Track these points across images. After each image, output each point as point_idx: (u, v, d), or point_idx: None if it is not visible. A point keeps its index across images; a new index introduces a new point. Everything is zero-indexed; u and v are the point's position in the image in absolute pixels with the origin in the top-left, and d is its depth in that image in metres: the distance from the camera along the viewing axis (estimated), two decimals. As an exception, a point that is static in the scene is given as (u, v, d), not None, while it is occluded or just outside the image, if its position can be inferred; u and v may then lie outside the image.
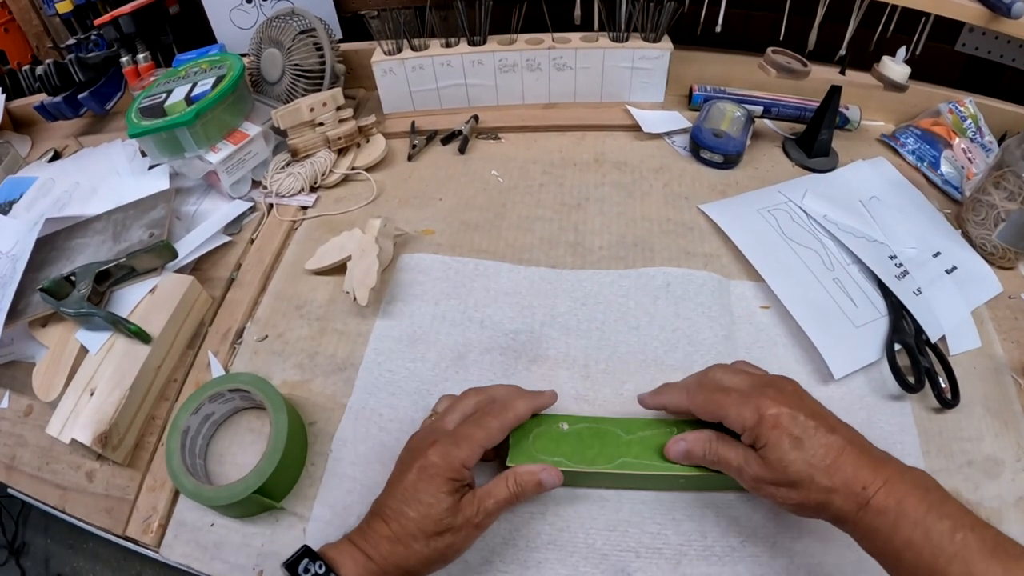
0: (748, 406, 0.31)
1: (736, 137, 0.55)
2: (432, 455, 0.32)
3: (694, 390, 0.35)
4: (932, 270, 0.49)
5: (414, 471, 0.32)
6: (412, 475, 0.31)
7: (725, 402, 0.32)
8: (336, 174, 0.58)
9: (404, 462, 0.33)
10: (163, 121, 0.56)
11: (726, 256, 0.49)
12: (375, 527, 0.31)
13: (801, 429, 0.30)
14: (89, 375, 0.47)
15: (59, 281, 0.50)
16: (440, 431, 0.34)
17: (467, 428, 0.33)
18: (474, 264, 0.49)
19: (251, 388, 0.41)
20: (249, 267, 0.54)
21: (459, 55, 0.58)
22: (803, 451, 0.29)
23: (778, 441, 0.30)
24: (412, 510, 0.31)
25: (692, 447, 0.34)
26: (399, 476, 0.33)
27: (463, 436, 0.33)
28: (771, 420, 0.30)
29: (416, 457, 0.32)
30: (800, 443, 0.29)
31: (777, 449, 0.30)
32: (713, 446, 0.33)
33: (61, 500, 0.43)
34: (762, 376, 0.35)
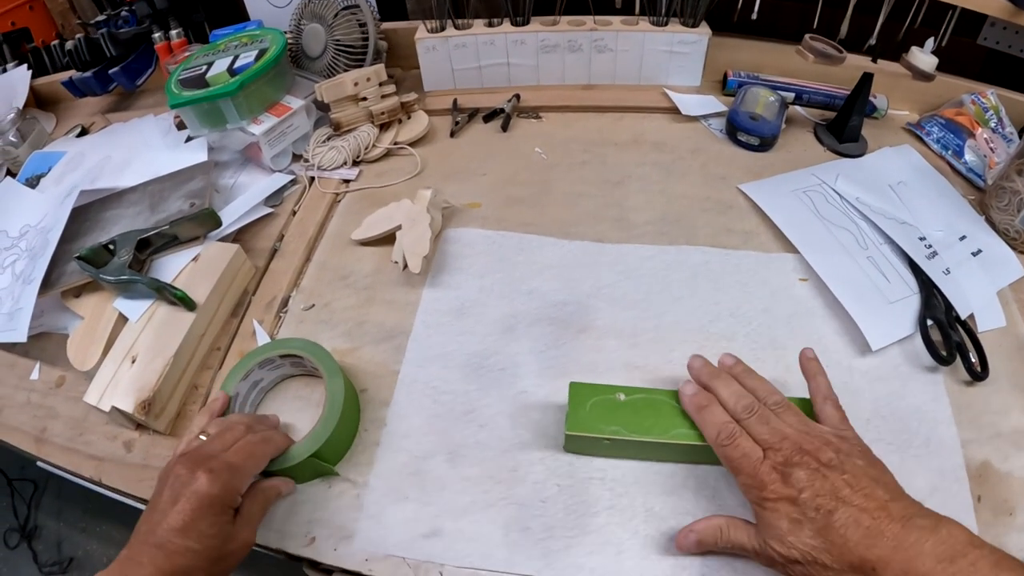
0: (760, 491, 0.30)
1: (772, 121, 0.57)
2: (212, 486, 0.31)
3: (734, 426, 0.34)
4: (959, 252, 0.51)
5: (191, 501, 0.31)
6: (188, 505, 0.31)
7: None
8: (379, 148, 0.59)
9: (175, 489, 0.32)
10: (206, 91, 0.56)
11: (764, 234, 0.51)
12: (155, 561, 0.29)
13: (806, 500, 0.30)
14: (130, 343, 0.47)
15: (97, 249, 0.50)
16: (214, 458, 0.33)
17: (240, 457, 0.34)
18: (518, 238, 0.50)
19: (304, 353, 0.41)
20: (292, 238, 0.55)
21: (502, 34, 0.59)
22: (800, 531, 0.29)
23: (774, 523, 0.30)
24: (196, 543, 0.30)
25: (703, 537, 0.33)
26: (171, 503, 0.31)
27: (237, 467, 0.33)
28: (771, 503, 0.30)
29: (190, 484, 0.31)
30: (799, 526, 0.29)
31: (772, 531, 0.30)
32: (726, 534, 0.32)
33: (97, 471, 0.43)
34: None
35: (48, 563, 0.89)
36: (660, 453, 0.37)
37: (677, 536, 0.34)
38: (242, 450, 0.35)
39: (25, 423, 0.47)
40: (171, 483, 0.32)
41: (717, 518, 0.33)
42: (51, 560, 0.90)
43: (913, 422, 0.41)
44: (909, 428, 0.41)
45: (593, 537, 0.36)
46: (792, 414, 0.34)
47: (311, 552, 0.37)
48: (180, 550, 0.30)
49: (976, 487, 0.38)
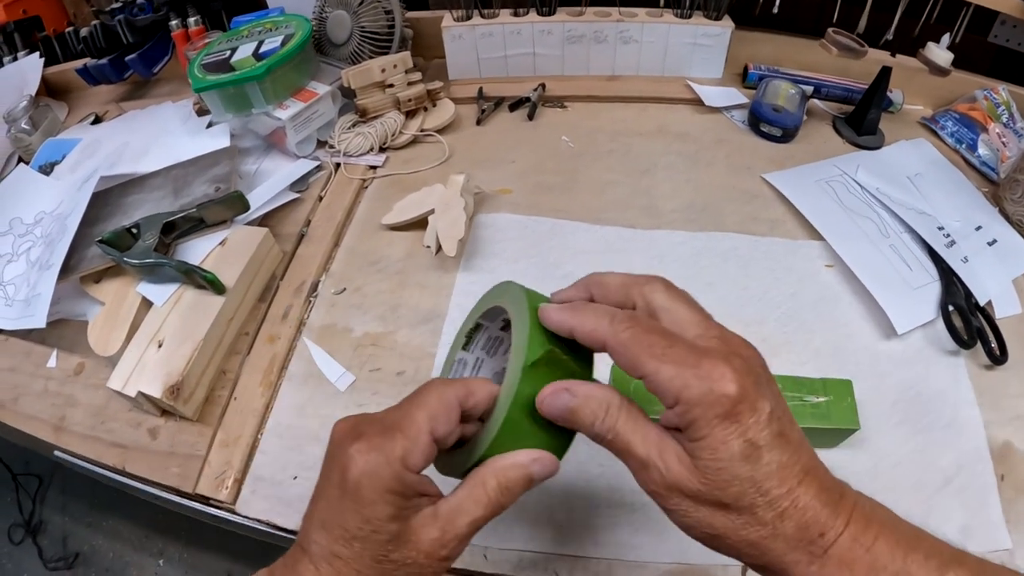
0: (696, 370, 0.20)
1: (793, 113, 0.58)
2: (357, 457, 0.22)
3: (620, 318, 0.22)
4: (975, 242, 0.53)
5: (335, 484, 0.22)
6: (334, 491, 0.22)
7: (662, 352, 0.20)
8: (405, 135, 0.59)
9: (326, 467, 0.23)
10: (233, 75, 0.56)
11: (790, 222, 0.52)
12: (301, 566, 0.22)
13: (763, 432, 0.20)
14: (155, 328, 0.46)
15: (120, 233, 0.50)
16: (366, 419, 0.24)
17: (398, 409, 0.23)
18: (551, 223, 0.51)
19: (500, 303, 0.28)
20: (320, 223, 0.55)
21: (529, 24, 0.59)
22: (756, 465, 0.19)
23: (726, 440, 0.19)
24: (344, 546, 0.21)
25: (580, 407, 0.22)
26: (322, 490, 0.23)
27: (394, 421, 0.22)
28: (726, 405, 0.19)
29: (336, 458, 0.22)
30: (757, 453, 0.19)
31: (721, 452, 0.19)
32: (613, 415, 0.22)
33: (120, 459, 0.42)
34: (719, 326, 0.23)
35: (54, 558, 0.88)
36: None
37: (543, 392, 0.23)
38: (411, 400, 0.24)
39: (43, 411, 0.46)
40: (328, 451, 0.24)
41: (609, 390, 0.23)
42: (57, 555, 0.88)
43: (937, 403, 0.42)
44: (934, 409, 0.42)
45: (639, 515, 0.36)
46: None
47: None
48: (324, 554, 0.22)
49: (998, 466, 0.39)
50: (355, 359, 0.45)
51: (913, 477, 0.39)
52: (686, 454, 0.20)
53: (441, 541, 0.22)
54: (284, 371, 0.45)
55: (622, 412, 0.22)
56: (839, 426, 0.37)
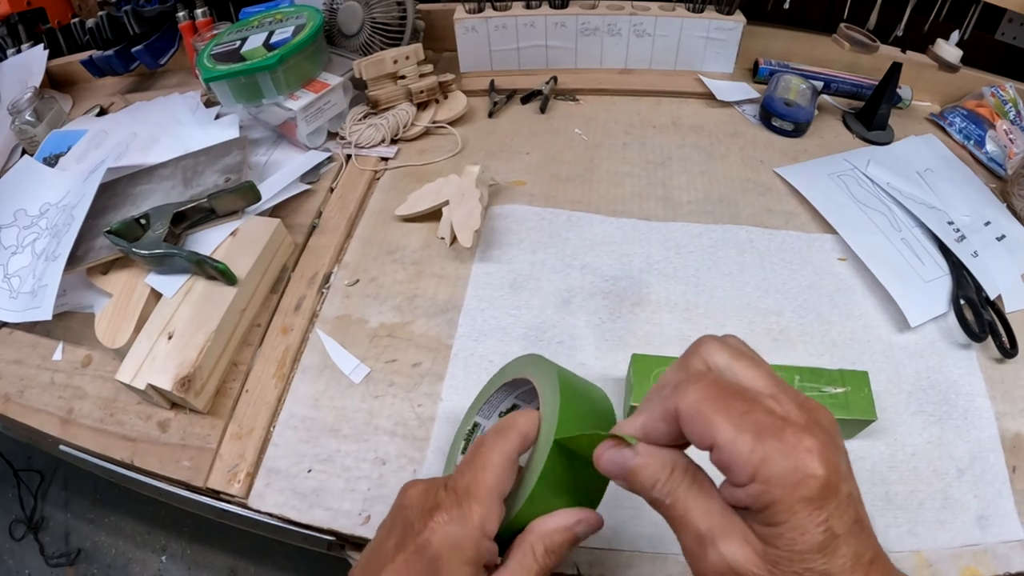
0: (780, 443, 0.17)
1: (805, 107, 0.59)
2: (438, 530, 0.21)
3: (686, 381, 0.20)
4: (985, 236, 0.53)
5: (411, 553, 0.22)
6: (411, 559, 0.22)
7: (740, 416, 0.18)
8: (417, 127, 0.58)
9: (398, 533, 0.23)
10: (244, 65, 0.55)
11: (804, 214, 0.52)
12: None
13: (843, 519, 0.17)
14: (166, 319, 0.46)
15: (129, 223, 0.49)
16: (437, 485, 0.23)
17: (466, 473, 0.23)
18: (567, 215, 0.51)
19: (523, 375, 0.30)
20: (332, 214, 0.54)
21: (543, 16, 0.59)
22: (831, 558, 0.17)
23: (807, 529, 0.17)
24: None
25: (641, 468, 0.20)
26: (389, 555, 0.22)
27: (466, 488, 0.22)
28: (813, 488, 0.17)
29: (410, 528, 0.22)
30: (835, 544, 0.17)
31: (799, 542, 0.17)
32: (676, 479, 0.20)
33: (130, 453, 0.42)
34: (792, 389, 0.20)
35: (55, 555, 0.87)
36: None
37: (599, 450, 0.22)
38: (475, 463, 0.23)
39: (50, 404, 0.45)
40: (398, 516, 0.24)
41: (674, 452, 0.20)
42: (58, 552, 0.87)
43: (951, 394, 0.43)
44: (948, 400, 0.42)
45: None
46: None
47: (366, 531, 0.36)
48: None
49: (1011, 458, 0.39)
50: (371, 350, 0.45)
51: (930, 467, 0.39)
52: (756, 538, 0.18)
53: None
54: (297, 363, 0.45)
55: (687, 477, 0.20)
56: (857, 417, 0.37)
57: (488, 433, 0.24)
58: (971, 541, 0.36)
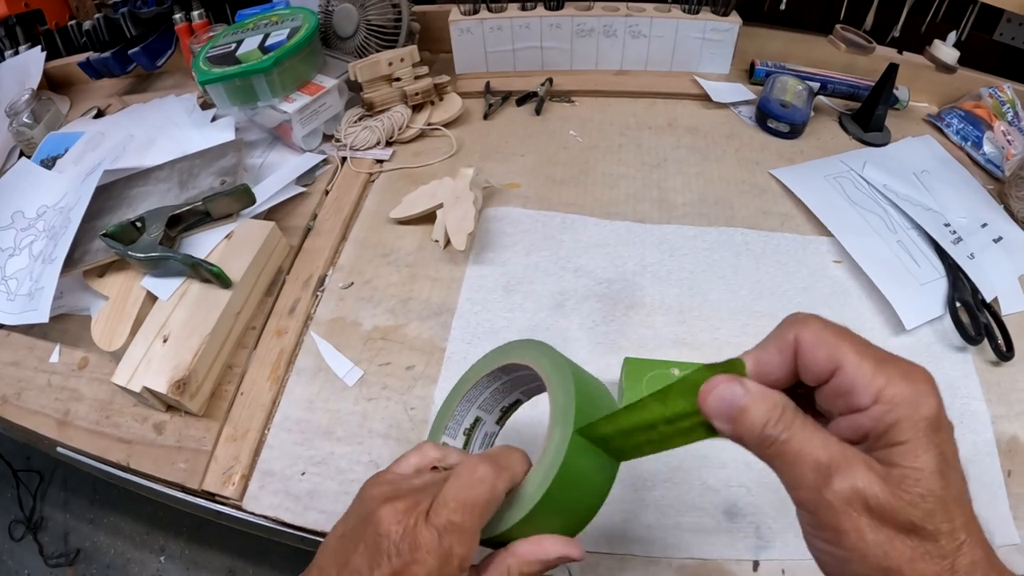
0: (899, 369, 0.18)
1: (801, 108, 0.58)
2: (420, 566, 0.21)
3: (803, 317, 0.20)
4: (981, 238, 0.53)
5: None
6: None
7: (861, 347, 0.19)
8: (412, 129, 0.58)
9: (372, 551, 0.22)
10: (239, 67, 0.56)
11: (799, 216, 0.52)
12: None
13: (953, 448, 0.18)
14: (161, 322, 0.46)
15: (124, 226, 0.49)
16: (419, 519, 0.22)
17: (446, 513, 0.22)
18: (561, 217, 0.51)
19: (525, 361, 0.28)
20: (327, 216, 0.54)
21: (538, 18, 0.59)
22: (947, 483, 0.17)
23: (928, 448, 0.17)
24: None
25: (752, 405, 0.19)
26: (367, 572, 0.22)
27: (447, 528, 0.22)
28: (933, 408, 0.18)
29: (386, 558, 0.22)
30: (947, 469, 0.18)
31: (921, 460, 0.17)
32: (789, 416, 0.19)
33: (126, 454, 0.42)
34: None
35: (54, 555, 0.87)
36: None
37: (706, 387, 0.20)
38: (457, 495, 0.23)
39: (47, 406, 0.46)
40: (368, 533, 0.23)
41: (778, 393, 0.20)
42: (57, 552, 0.88)
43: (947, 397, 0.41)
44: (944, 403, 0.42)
45: (651, 511, 0.36)
46: None
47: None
48: None
49: (1006, 461, 0.39)
50: (364, 353, 0.45)
51: (924, 471, 0.39)
52: (877, 464, 0.18)
53: None
54: (292, 365, 0.45)
55: (798, 415, 0.19)
56: None
57: (482, 464, 0.23)
58: None
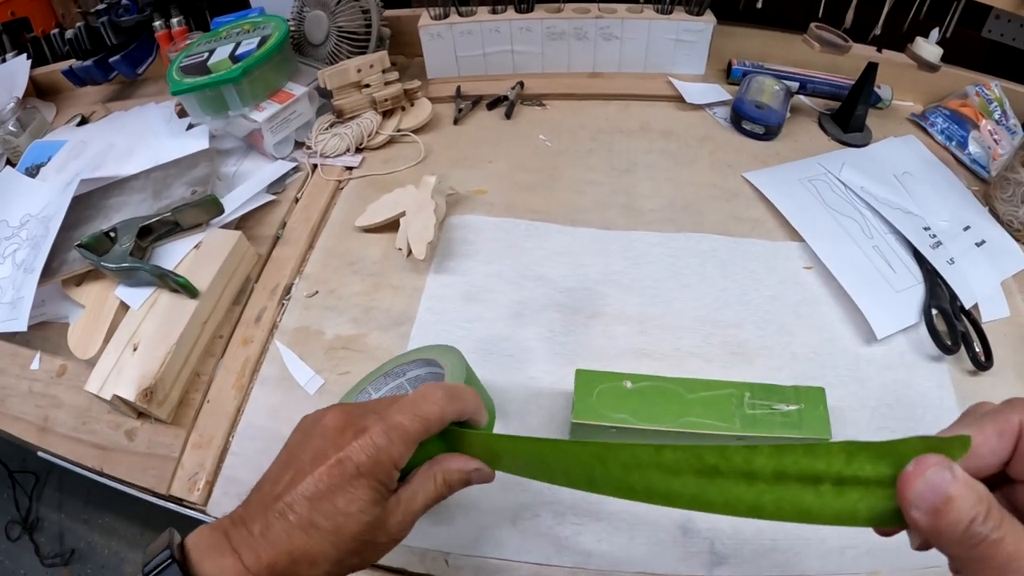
0: None
1: (777, 109, 0.57)
2: (359, 452, 0.24)
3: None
4: (963, 242, 0.51)
5: (329, 466, 0.24)
6: (325, 472, 0.24)
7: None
8: (382, 136, 0.58)
9: (316, 445, 0.25)
10: (209, 78, 0.56)
11: (771, 221, 0.51)
12: (269, 532, 0.24)
13: None
14: (131, 331, 0.46)
15: (98, 237, 0.50)
16: (374, 414, 0.26)
17: (408, 415, 0.25)
18: (525, 225, 0.50)
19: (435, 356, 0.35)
20: (295, 225, 0.54)
21: (507, 21, 0.58)
22: None
23: None
24: (325, 519, 0.24)
25: (958, 495, 0.17)
26: (309, 464, 0.25)
27: (394, 426, 0.25)
28: None
29: (335, 443, 0.25)
30: None
31: None
32: (996, 513, 0.17)
33: (99, 460, 0.43)
34: None
35: (50, 555, 0.89)
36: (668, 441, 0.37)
37: (905, 476, 0.18)
38: (413, 404, 0.26)
39: (28, 413, 0.46)
40: (314, 436, 0.26)
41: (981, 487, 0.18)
42: (53, 552, 0.89)
43: (919, 409, 0.41)
44: (915, 415, 0.41)
45: (604, 524, 0.36)
46: None
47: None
48: (303, 524, 0.24)
49: (981, 474, 0.38)
50: (326, 362, 0.45)
51: (891, 485, 0.38)
52: None
53: (402, 524, 0.26)
54: (256, 374, 0.45)
55: (1004, 510, 0.17)
56: (810, 436, 0.36)
57: (440, 389, 0.27)
58: (933, 563, 0.34)
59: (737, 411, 0.36)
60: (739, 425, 0.35)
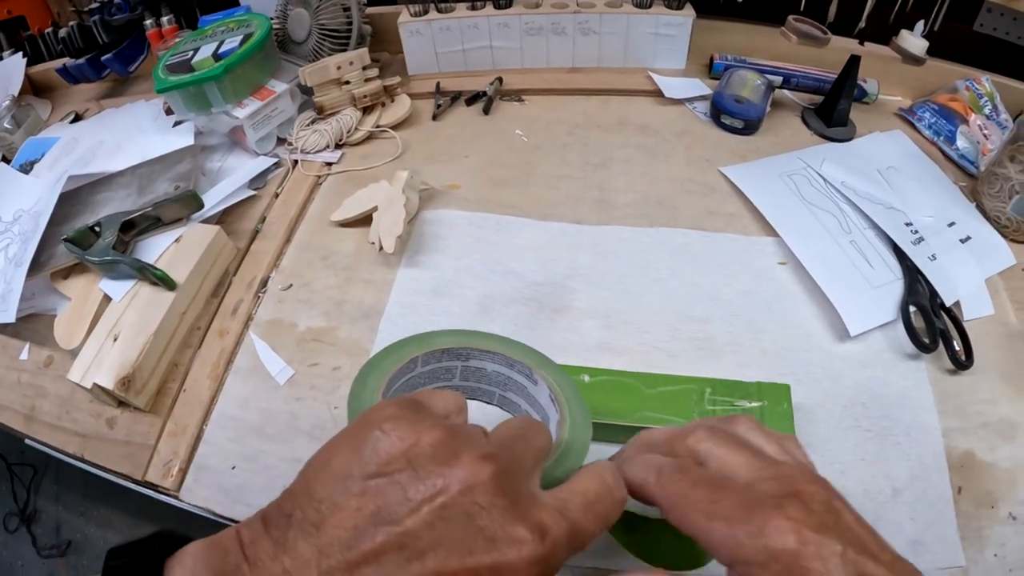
0: (747, 526, 0.18)
1: (757, 104, 0.56)
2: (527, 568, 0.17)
3: (667, 472, 0.21)
4: (947, 239, 0.50)
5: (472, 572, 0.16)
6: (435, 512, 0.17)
7: (709, 507, 0.19)
8: (361, 132, 0.59)
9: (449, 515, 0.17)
10: (191, 76, 0.57)
11: (747, 216, 0.50)
12: None
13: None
14: (112, 322, 0.47)
15: (83, 231, 0.51)
16: (523, 473, 0.20)
17: (581, 514, 0.19)
18: (496, 219, 0.50)
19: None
20: (274, 219, 0.55)
21: (485, 17, 0.58)
22: None
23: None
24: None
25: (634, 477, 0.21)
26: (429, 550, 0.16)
27: (579, 533, 0.19)
28: (786, 561, 0.17)
29: (483, 537, 0.17)
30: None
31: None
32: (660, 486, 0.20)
33: (81, 448, 0.44)
34: (774, 463, 0.21)
35: (47, 546, 0.91)
36: (625, 436, 0.37)
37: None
38: (597, 499, 0.20)
39: (15, 402, 0.48)
40: (421, 468, 0.18)
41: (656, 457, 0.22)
42: (50, 544, 0.91)
43: (894, 409, 0.40)
44: (890, 415, 0.40)
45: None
46: None
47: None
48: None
49: (956, 478, 0.37)
50: (297, 353, 0.45)
51: (861, 486, 0.37)
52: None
53: None
54: (231, 364, 0.46)
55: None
56: None
57: (617, 478, 0.22)
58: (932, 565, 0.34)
59: (697, 407, 0.36)
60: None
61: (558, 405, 0.27)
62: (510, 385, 0.31)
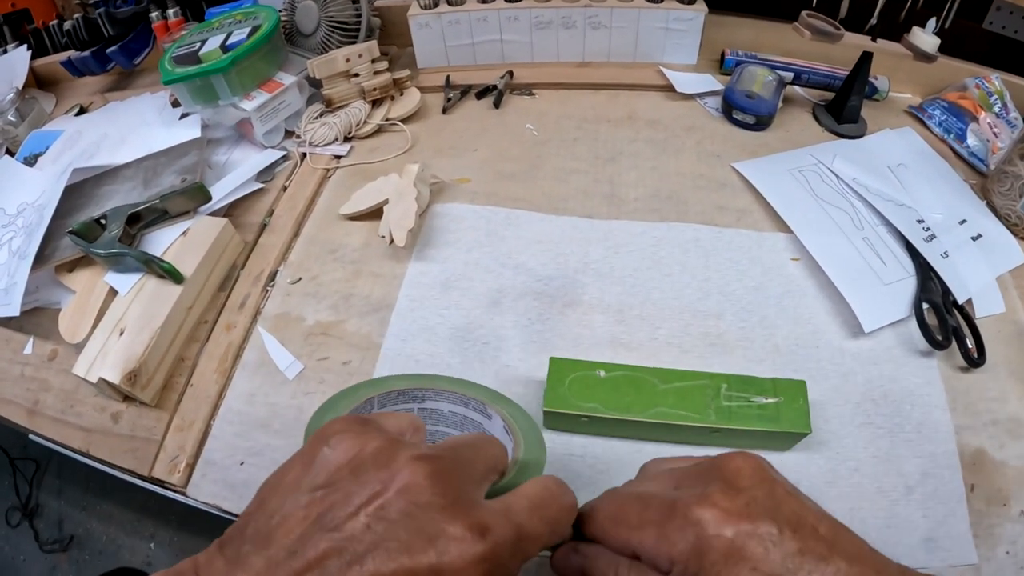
0: (675, 522, 0.19)
1: (768, 100, 0.56)
2: (470, 568, 0.17)
3: (603, 506, 0.22)
4: (958, 236, 0.50)
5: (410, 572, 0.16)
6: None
7: (638, 518, 0.20)
8: (370, 125, 0.58)
9: (389, 516, 0.17)
10: (198, 68, 0.56)
11: (758, 212, 0.50)
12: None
13: (777, 557, 0.17)
14: (118, 316, 0.47)
15: (89, 224, 0.51)
16: (467, 478, 0.19)
17: (526, 516, 0.19)
18: (506, 213, 0.50)
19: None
20: (282, 213, 0.55)
21: (495, 10, 0.58)
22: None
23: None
24: None
25: (591, 568, 0.21)
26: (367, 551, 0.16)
27: (526, 537, 0.19)
28: (722, 546, 0.18)
29: (420, 534, 0.17)
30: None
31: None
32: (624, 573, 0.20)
33: (85, 442, 0.43)
34: (699, 461, 0.22)
35: (49, 541, 0.91)
36: (640, 431, 0.37)
37: (556, 555, 0.22)
38: (542, 504, 0.20)
39: (19, 396, 0.47)
40: (362, 475, 0.18)
41: (611, 555, 0.21)
42: (52, 538, 0.91)
43: (906, 406, 0.40)
44: (901, 412, 0.40)
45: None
46: None
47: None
48: None
49: (969, 475, 0.37)
50: (305, 347, 0.45)
51: (874, 483, 0.37)
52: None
53: None
54: (239, 359, 0.45)
55: (632, 570, 0.20)
56: (788, 430, 0.35)
57: (568, 493, 0.22)
58: (915, 564, 0.33)
59: (712, 403, 0.36)
60: (714, 417, 0.35)
61: (512, 433, 0.28)
62: (467, 424, 0.31)
